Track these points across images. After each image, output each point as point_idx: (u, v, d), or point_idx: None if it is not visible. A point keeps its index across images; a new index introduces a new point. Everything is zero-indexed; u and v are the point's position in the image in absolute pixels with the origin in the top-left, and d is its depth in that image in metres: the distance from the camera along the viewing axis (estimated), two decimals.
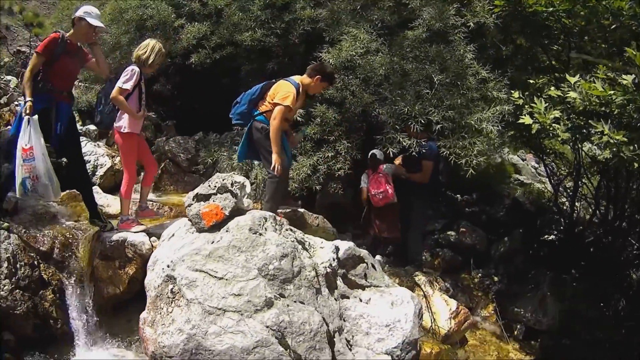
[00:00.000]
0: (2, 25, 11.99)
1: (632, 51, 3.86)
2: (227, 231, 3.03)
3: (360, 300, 3.28)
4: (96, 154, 5.73)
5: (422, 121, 4.37)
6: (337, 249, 3.33)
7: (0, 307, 3.34)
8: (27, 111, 3.53)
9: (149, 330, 2.92)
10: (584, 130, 4.04)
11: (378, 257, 5.16)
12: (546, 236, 6.53)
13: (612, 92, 3.73)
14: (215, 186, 3.20)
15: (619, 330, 5.06)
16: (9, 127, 5.59)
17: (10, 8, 12.58)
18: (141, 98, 3.95)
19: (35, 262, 3.64)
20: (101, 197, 4.86)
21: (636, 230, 5.79)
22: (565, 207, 6.71)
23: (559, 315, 5.18)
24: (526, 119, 4.11)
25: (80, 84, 7.59)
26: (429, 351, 3.90)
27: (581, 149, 5.51)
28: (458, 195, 7.04)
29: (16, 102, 6.48)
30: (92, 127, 6.60)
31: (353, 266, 3.41)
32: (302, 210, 4.52)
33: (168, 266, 3.01)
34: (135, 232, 3.90)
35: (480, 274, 5.90)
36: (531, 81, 4.95)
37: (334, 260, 3.24)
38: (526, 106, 4.28)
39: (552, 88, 4.30)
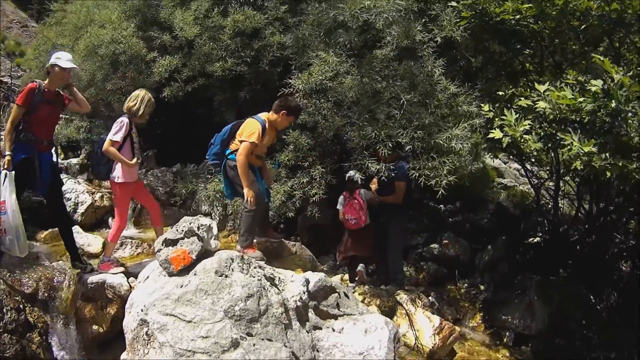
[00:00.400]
0: None
1: (598, 57, 3.82)
2: (194, 274, 3.10)
3: (333, 330, 3.32)
4: (76, 191, 5.76)
5: (390, 144, 4.32)
6: (307, 281, 3.38)
7: None
8: (6, 166, 3.60)
9: None
10: (556, 139, 3.98)
11: (360, 267, 5.14)
12: (531, 239, 6.50)
13: (581, 99, 3.69)
14: (182, 230, 3.26)
15: (612, 325, 5.05)
16: None
17: None
18: (134, 147, 4.06)
19: (21, 306, 3.65)
20: (82, 237, 4.91)
21: (622, 221, 5.75)
22: (549, 207, 6.66)
23: (549, 317, 5.16)
24: (496, 133, 4.05)
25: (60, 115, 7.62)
26: None
27: (559, 151, 5.44)
28: (441, 206, 7.02)
29: None
30: (73, 161, 6.66)
31: (324, 297, 3.46)
32: (278, 240, 4.57)
33: (142, 310, 3.08)
34: (113, 274, 3.96)
35: (466, 285, 5.90)
36: (500, 93, 4.87)
37: (304, 293, 3.29)
38: (496, 119, 4.22)
39: (522, 98, 4.24)
